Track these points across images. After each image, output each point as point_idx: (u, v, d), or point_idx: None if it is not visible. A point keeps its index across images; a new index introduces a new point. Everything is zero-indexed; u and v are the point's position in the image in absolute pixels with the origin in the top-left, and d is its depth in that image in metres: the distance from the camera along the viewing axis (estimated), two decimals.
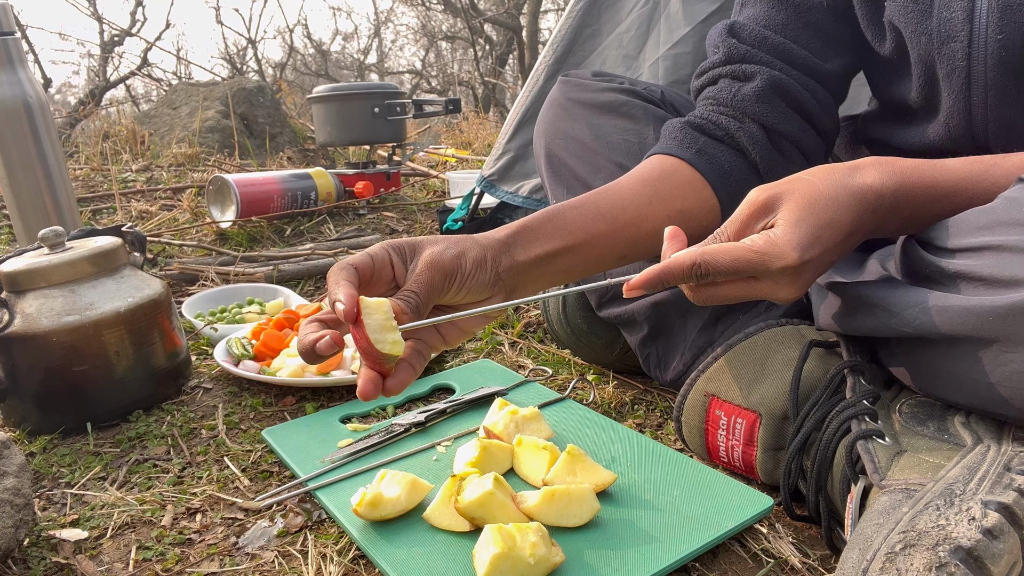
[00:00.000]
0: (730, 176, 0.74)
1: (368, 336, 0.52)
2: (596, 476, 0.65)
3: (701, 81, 0.80)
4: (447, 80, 10.49)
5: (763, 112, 0.74)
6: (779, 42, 0.75)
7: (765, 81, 0.73)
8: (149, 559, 0.64)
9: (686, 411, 0.72)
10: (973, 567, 0.44)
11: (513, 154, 1.51)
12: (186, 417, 0.91)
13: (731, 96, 0.75)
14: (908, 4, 0.65)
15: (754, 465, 0.67)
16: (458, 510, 0.60)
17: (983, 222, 0.52)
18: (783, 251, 0.53)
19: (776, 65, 0.74)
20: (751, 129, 0.74)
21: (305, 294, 1.45)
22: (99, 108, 4.74)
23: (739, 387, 0.68)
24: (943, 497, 0.48)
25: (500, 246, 0.63)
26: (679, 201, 0.72)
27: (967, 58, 0.63)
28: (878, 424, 0.58)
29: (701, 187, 0.73)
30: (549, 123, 0.93)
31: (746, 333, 0.70)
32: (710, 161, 0.74)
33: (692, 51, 1.29)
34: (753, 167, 0.75)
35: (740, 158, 0.75)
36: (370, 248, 0.59)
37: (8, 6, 1.32)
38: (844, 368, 0.63)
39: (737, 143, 0.75)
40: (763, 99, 0.74)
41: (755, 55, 0.75)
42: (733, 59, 0.76)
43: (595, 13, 1.42)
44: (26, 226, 1.39)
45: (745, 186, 0.73)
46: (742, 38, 0.76)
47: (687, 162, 0.73)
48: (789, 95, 0.74)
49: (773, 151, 0.75)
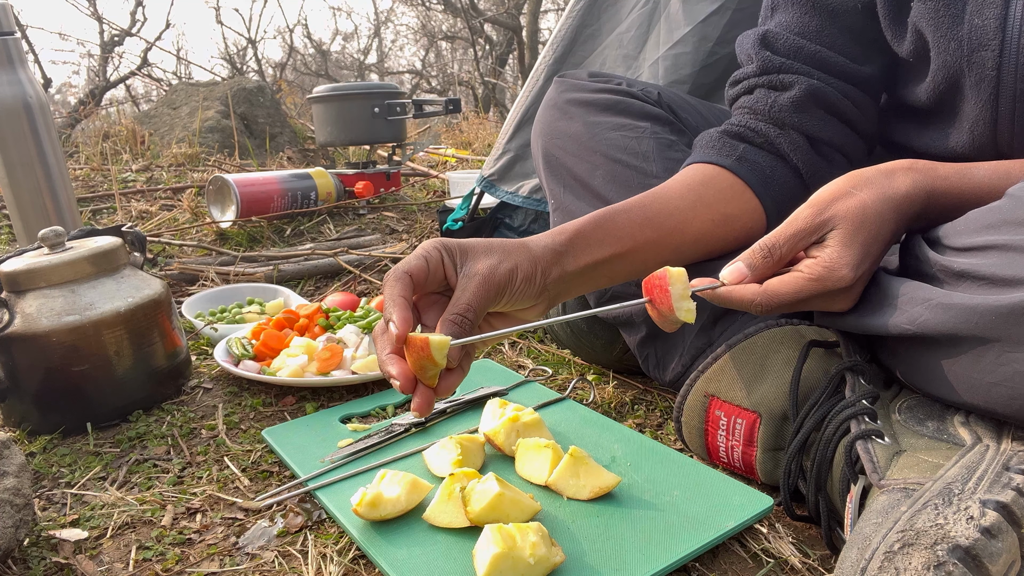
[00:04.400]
0: (772, 180, 0.74)
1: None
2: (600, 479, 0.65)
3: (736, 90, 0.79)
4: (447, 80, 10.49)
5: (802, 121, 0.74)
6: (815, 51, 0.73)
7: (803, 91, 0.73)
8: (149, 559, 0.64)
9: (686, 412, 0.72)
10: (971, 566, 0.44)
11: (513, 154, 1.51)
12: (186, 417, 0.91)
13: (768, 106, 0.75)
14: (939, 8, 0.64)
15: (754, 465, 0.67)
16: (472, 521, 0.60)
17: (988, 221, 0.52)
18: (840, 274, 0.56)
19: (813, 75, 0.73)
20: (792, 137, 0.74)
21: (305, 294, 1.45)
22: (99, 108, 4.75)
23: (739, 387, 0.68)
24: (941, 496, 0.48)
25: (552, 256, 0.64)
26: (723, 205, 0.73)
27: (997, 67, 0.63)
28: (877, 424, 0.58)
29: (743, 192, 0.74)
30: (546, 123, 0.93)
31: (746, 333, 0.70)
32: (751, 167, 0.74)
33: (692, 51, 1.29)
34: (795, 172, 0.75)
35: (781, 163, 0.75)
36: (424, 249, 0.60)
37: (8, 6, 1.32)
38: (844, 368, 0.63)
39: (777, 149, 0.75)
40: (801, 108, 0.74)
41: (791, 66, 0.74)
42: (769, 70, 0.75)
43: (595, 13, 1.42)
44: (26, 226, 1.39)
45: (788, 190, 0.75)
46: (776, 49, 0.75)
47: (727, 169, 0.74)
48: (828, 102, 0.73)
49: (816, 156, 0.75)
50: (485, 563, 0.53)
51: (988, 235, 0.52)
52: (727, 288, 0.60)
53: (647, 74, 1.33)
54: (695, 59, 1.29)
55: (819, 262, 0.57)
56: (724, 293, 0.60)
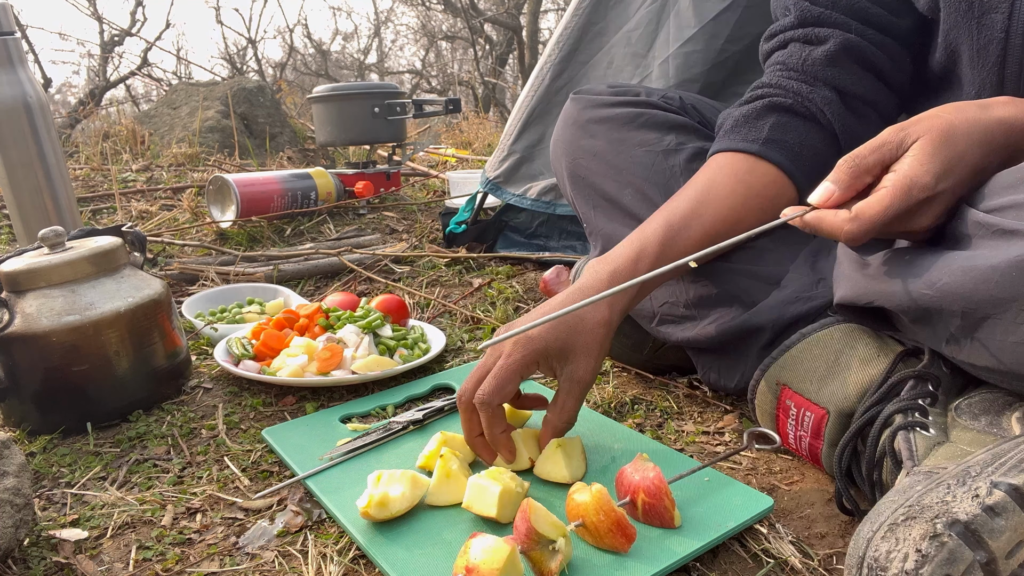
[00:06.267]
0: (801, 154, 0.74)
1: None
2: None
3: (771, 45, 0.79)
4: (447, 80, 10.49)
5: (835, 75, 0.73)
6: (853, 1, 0.73)
7: (838, 44, 0.73)
8: (149, 559, 0.64)
9: (759, 395, 0.73)
10: (970, 540, 0.45)
11: (519, 155, 1.49)
12: (186, 417, 0.91)
13: (801, 61, 0.74)
14: None
15: (819, 457, 0.69)
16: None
17: (1008, 181, 0.53)
18: (923, 181, 0.54)
19: (851, 26, 0.73)
20: (824, 93, 0.74)
21: (305, 294, 1.45)
22: (99, 108, 4.75)
23: (810, 380, 0.68)
24: (957, 478, 0.49)
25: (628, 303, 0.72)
26: (766, 190, 0.74)
27: (1005, 30, 0.63)
28: (927, 419, 0.59)
29: (777, 175, 0.74)
30: (569, 142, 0.92)
31: (822, 324, 0.70)
32: (779, 147, 0.74)
33: (703, 49, 1.28)
34: (828, 132, 0.75)
35: (812, 127, 0.75)
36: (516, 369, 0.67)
37: (8, 6, 1.32)
38: (910, 375, 0.63)
39: (808, 109, 0.74)
40: (834, 62, 0.73)
41: (829, 17, 0.74)
42: (806, 22, 0.75)
43: (602, 11, 1.41)
44: (26, 226, 1.39)
45: (820, 157, 0.74)
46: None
47: (755, 155, 0.74)
48: (862, 56, 0.73)
49: (848, 113, 0.74)
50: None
51: (1010, 195, 0.52)
52: (815, 213, 0.58)
53: (657, 72, 1.32)
54: (706, 57, 1.28)
55: (901, 173, 0.55)
56: (812, 219, 0.58)
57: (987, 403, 0.59)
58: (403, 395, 0.93)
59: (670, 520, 0.60)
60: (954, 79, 0.71)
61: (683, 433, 0.83)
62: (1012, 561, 0.45)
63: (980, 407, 0.59)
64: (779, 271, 0.77)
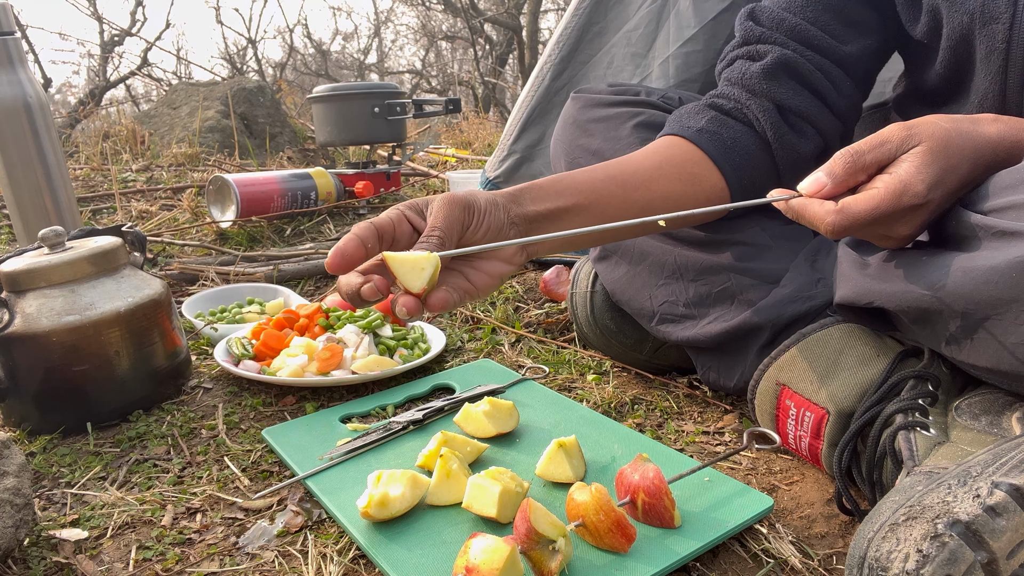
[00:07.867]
0: (733, 149, 0.75)
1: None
2: None
3: (721, 65, 0.82)
4: (447, 80, 10.49)
5: (771, 88, 0.75)
6: (796, 23, 0.76)
7: (775, 59, 0.75)
8: (149, 559, 0.64)
9: (759, 395, 0.73)
10: (971, 540, 0.45)
11: (520, 155, 1.49)
12: (186, 417, 0.91)
13: (742, 75, 0.77)
14: None
15: (819, 457, 0.69)
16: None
17: (1007, 182, 0.53)
18: (916, 188, 0.54)
19: (789, 45, 0.75)
20: (762, 103, 0.76)
21: (305, 294, 1.45)
22: (99, 108, 4.74)
23: (810, 380, 0.69)
24: (957, 478, 0.49)
25: (507, 196, 0.64)
26: (689, 165, 0.74)
27: (1007, 40, 0.63)
28: (927, 419, 0.59)
29: (703, 159, 0.75)
30: (568, 142, 0.93)
31: (821, 324, 0.70)
32: (711, 137, 0.75)
33: (703, 49, 1.28)
34: (763, 140, 0.76)
35: (748, 131, 0.76)
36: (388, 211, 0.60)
37: (8, 6, 1.32)
38: (911, 376, 0.63)
39: (746, 116, 0.76)
40: (771, 76, 0.75)
41: (769, 36, 0.77)
42: (749, 40, 0.78)
43: (602, 11, 1.41)
44: (26, 226, 1.39)
45: (750, 158, 0.76)
46: (760, 20, 0.78)
47: (687, 139, 0.75)
48: (798, 73, 0.75)
49: (784, 126, 0.76)
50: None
51: (1009, 195, 0.52)
52: (801, 200, 0.57)
53: (657, 72, 1.33)
54: (706, 57, 1.28)
55: (896, 176, 0.55)
56: (797, 205, 0.57)
57: (987, 403, 0.59)
58: (403, 395, 0.93)
59: (670, 520, 0.60)
60: (959, 91, 0.71)
61: (683, 433, 0.83)
62: (1013, 561, 0.45)
63: (980, 407, 0.59)
64: (779, 270, 0.77)
